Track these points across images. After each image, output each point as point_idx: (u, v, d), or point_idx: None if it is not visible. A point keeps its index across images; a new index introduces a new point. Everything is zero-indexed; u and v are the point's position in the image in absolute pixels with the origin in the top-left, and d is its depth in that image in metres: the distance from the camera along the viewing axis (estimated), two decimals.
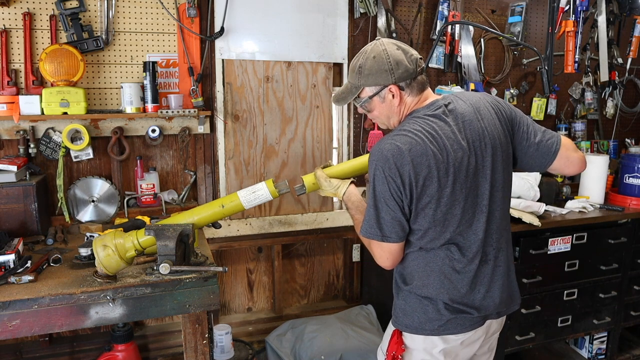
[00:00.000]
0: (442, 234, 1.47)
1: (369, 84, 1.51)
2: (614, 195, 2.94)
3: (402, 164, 1.39)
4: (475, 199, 1.49)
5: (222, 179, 2.77)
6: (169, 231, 1.69)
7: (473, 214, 1.49)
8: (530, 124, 1.60)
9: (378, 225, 1.46)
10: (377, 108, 1.55)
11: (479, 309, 1.53)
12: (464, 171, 1.44)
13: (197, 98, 2.55)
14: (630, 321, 2.96)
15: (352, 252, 3.14)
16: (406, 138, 1.42)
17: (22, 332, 1.63)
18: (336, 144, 3.04)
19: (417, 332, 1.55)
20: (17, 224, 2.18)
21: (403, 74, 1.48)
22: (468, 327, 1.54)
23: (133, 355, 2.50)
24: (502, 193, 1.54)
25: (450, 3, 2.98)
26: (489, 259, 1.54)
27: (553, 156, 1.58)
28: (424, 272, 1.52)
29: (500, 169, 1.52)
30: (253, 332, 2.96)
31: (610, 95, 3.46)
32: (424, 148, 1.40)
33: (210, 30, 2.62)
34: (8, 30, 2.33)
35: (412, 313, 1.55)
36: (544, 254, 2.57)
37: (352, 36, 2.89)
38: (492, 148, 1.49)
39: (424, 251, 1.51)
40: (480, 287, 1.53)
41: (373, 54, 1.49)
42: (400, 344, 1.58)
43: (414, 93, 1.52)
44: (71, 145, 2.39)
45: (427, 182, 1.41)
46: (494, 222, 1.53)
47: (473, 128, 1.47)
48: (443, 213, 1.45)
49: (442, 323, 1.52)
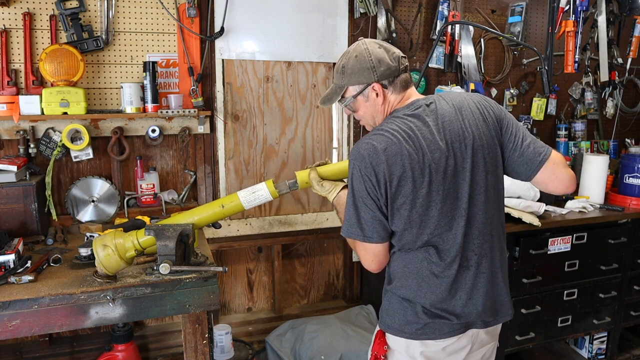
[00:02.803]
0: (419, 236, 1.45)
1: (352, 83, 1.51)
2: (614, 195, 2.94)
3: (377, 163, 1.39)
4: (455, 202, 1.45)
5: (222, 179, 2.77)
6: (169, 231, 1.69)
7: (452, 217, 1.45)
8: (520, 128, 1.55)
9: (359, 225, 1.45)
10: (362, 107, 1.55)
11: (459, 316, 1.50)
12: (441, 172, 1.42)
13: (197, 98, 2.55)
14: (630, 321, 2.96)
15: (352, 252, 3.14)
16: (382, 137, 1.43)
17: (22, 332, 1.63)
18: (336, 144, 3.04)
19: (398, 333, 1.54)
20: (17, 224, 2.18)
21: (385, 71, 1.48)
22: (447, 333, 1.50)
23: (133, 355, 2.50)
24: (485, 196, 1.48)
25: (450, 3, 2.98)
26: (471, 265, 1.50)
27: (538, 166, 1.51)
28: (402, 273, 1.51)
29: (481, 171, 1.47)
30: (253, 332, 2.96)
31: (610, 95, 3.46)
32: (399, 148, 1.40)
33: (210, 30, 2.62)
34: (8, 30, 2.33)
35: (394, 314, 1.55)
36: (544, 254, 2.57)
37: (352, 36, 2.89)
38: (472, 149, 1.45)
39: (404, 252, 1.50)
40: (461, 293, 1.49)
41: (355, 53, 1.49)
42: (383, 344, 1.57)
43: (397, 91, 1.52)
44: (71, 145, 2.39)
45: (402, 182, 1.40)
46: (475, 226, 1.48)
47: (452, 129, 1.45)
48: (419, 214, 1.43)
49: (419, 327, 1.50)
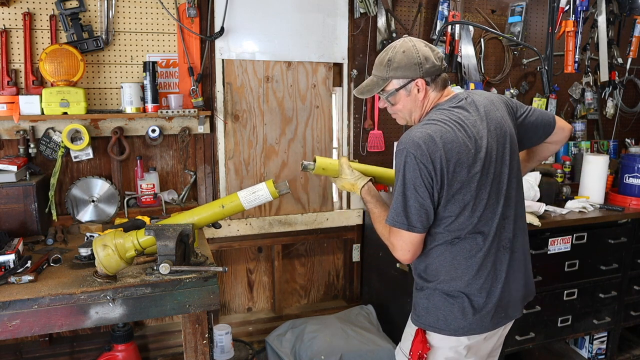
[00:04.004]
0: (470, 219, 1.50)
1: (397, 77, 1.56)
2: (614, 195, 2.94)
3: (434, 150, 1.43)
4: (499, 185, 1.54)
5: (222, 179, 2.77)
6: (169, 231, 1.69)
7: (497, 199, 1.54)
8: (524, 105, 1.74)
9: (405, 214, 1.47)
10: (402, 101, 1.59)
11: (501, 304, 1.56)
12: (489, 157, 1.50)
13: (197, 98, 2.55)
14: (630, 321, 2.96)
15: (352, 252, 3.14)
16: (435, 126, 1.47)
17: (22, 332, 1.63)
18: (336, 144, 3.04)
19: (443, 332, 1.56)
20: (17, 224, 2.18)
21: (430, 69, 1.54)
22: (490, 327, 1.57)
23: (133, 355, 2.50)
24: (517, 179, 1.61)
25: (450, 3, 2.98)
26: (507, 246, 1.58)
27: (554, 121, 1.73)
28: (451, 266, 1.54)
29: (515, 155, 1.60)
30: (253, 332, 2.96)
31: (610, 95, 3.46)
32: (454, 135, 1.46)
33: (210, 30, 2.62)
34: (8, 30, 2.33)
35: (436, 311, 1.56)
36: (544, 254, 2.57)
37: (352, 36, 2.89)
38: (509, 136, 1.57)
39: (449, 245, 1.53)
40: (501, 275, 1.56)
41: (402, 48, 1.55)
42: (425, 342, 1.58)
43: (438, 89, 1.58)
44: (71, 145, 2.39)
45: (458, 168, 1.45)
46: (511, 207, 1.58)
47: (493, 117, 1.56)
48: (472, 197, 1.49)
49: (466, 323, 1.54)
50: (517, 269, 1.61)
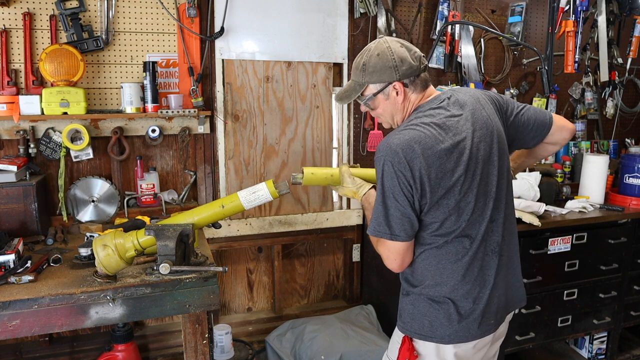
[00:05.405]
0: (457, 222, 1.45)
1: (373, 81, 1.50)
2: (614, 195, 2.94)
3: (412, 157, 1.38)
4: (486, 186, 1.48)
5: (222, 179, 2.77)
6: (169, 231, 1.69)
7: (485, 202, 1.48)
8: (516, 102, 1.67)
9: (387, 223, 1.43)
10: (381, 105, 1.55)
11: (489, 310, 1.51)
12: (474, 159, 1.44)
13: (197, 98, 2.55)
14: (630, 321, 2.96)
15: (352, 252, 3.14)
16: (414, 132, 1.41)
17: (22, 332, 1.63)
18: (336, 144, 3.04)
19: (428, 339, 1.51)
20: (17, 224, 2.18)
21: (407, 70, 1.48)
22: (478, 335, 1.51)
23: (133, 355, 2.50)
24: (507, 179, 1.56)
25: (450, 3, 2.98)
26: (495, 250, 1.52)
27: (550, 120, 1.64)
28: (436, 270, 1.49)
29: (503, 155, 1.53)
30: (253, 332, 2.96)
31: (610, 95, 3.46)
32: (434, 140, 1.40)
33: (210, 30, 2.62)
34: (8, 30, 2.33)
35: (422, 318, 1.52)
36: (544, 254, 2.57)
37: (352, 36, 2.89)
38: (497, 136, 1.51)
39: (435, 248, 1.49)
40: (489, 279, 1.51)
41: (377, 51, 1.49)
42: (412, 350, 1.54)
43: (418, 90, 1.52)
44: (71, 145, 2.39)
45: (440, 173, 1.40)
46: (501, 209, 1.53)
47: (478, 116, 1.49)
48: (457, 201, 1.43)
49: (452, 331, 1.49)
50: (506, 274, 1.56)
